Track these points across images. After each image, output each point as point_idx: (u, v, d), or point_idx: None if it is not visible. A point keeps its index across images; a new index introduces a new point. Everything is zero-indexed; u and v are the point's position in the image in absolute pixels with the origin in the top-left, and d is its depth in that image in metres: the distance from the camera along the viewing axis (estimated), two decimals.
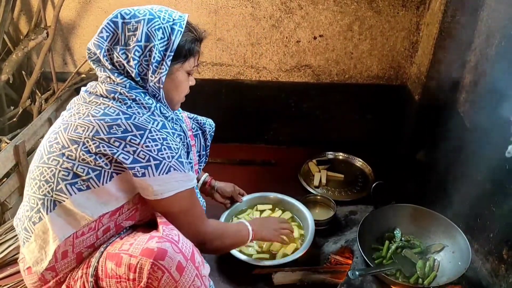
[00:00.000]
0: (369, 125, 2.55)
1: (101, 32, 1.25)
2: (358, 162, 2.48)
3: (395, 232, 1.79)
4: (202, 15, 2.28)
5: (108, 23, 1.26)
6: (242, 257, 1.74)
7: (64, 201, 1.19)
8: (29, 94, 2.38)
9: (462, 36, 1.98)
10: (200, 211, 1.38)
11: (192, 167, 1.41)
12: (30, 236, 1.25)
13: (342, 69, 2.41)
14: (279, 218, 1.88)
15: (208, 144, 1.73)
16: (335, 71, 2.42)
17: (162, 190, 1.23)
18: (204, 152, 1.70)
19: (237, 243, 1.62)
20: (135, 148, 1.18)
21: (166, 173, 1.21)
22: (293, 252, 1.78)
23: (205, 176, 1.90)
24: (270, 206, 2.03)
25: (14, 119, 2.34)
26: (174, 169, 1.23)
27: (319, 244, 1.88)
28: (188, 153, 1.39)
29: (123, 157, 1.17)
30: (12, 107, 2.43)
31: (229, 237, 1.54)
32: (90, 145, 1.17)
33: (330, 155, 2.53)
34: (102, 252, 1.22)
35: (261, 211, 2.01)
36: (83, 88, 1.34)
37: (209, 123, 1.74)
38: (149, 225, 1.32)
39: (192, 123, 1.68)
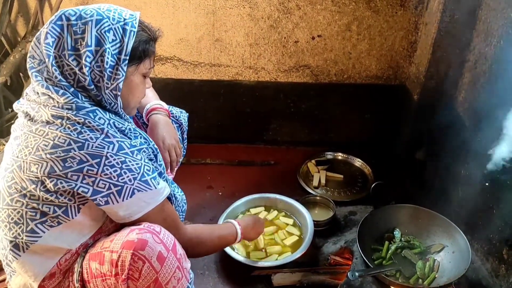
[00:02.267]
0: (368, 125, 2.55)
1: (46, 38, 1.13)
2: (358, 162, 2.47)
3: (394, 233, 1.79)
4: (200, 16, 2.27)
5: (52, 26, 1.13)
6: (242, 258, 1.74)
7: (36, 241, 1.16)
8: None
9: (460, 35, 1.98)
10: (173, 220, 1.30)
11: (163, 169, 1.35)
12: (14, 272, 1.23)
13: (340, 69, 2.41)
14: (264, 220, 1.80)
15: (185, 137, 1.70)
16: (333, 71, 2.41)
17: (129, 214, 1.19)
18: (182, 145, 1.67)
19: (223, 246, 1.61)
20: (93, 179, 1.11)
21: (130, 196, 1.16)
22: (292, 251, 1.78)
23: (151, 105, 1.59)
24: (263, 209, 2.02)
25: (12, 121, 2.32)
26: (138, 191, 1.17)
27: (318, 245, 1.87)
28: (155, 156, 1.31)
29: (82, 190, 1.12)
30: (10, 109, 2.42)
31: (212, 241, 1.47)
32: (48, 184, 1.11)
33: (329, 155, 2.52)
34: (84, 256, 1.21)
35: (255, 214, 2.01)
36: (19, 107, 1.21)
37: (184, 116, 1.70)
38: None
39: None
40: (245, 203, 2.03)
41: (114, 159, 1.13)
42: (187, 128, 1.72)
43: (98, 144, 1.12)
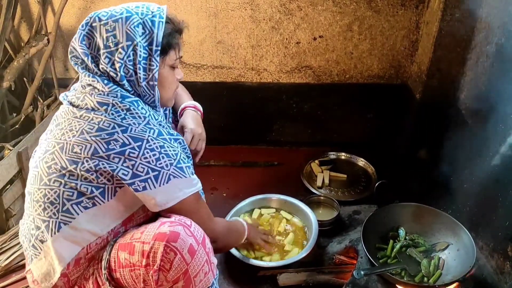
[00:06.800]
0: (370, 124, 2.55)
1: (83, 39, 1.22)
2: (361, 162, 2.48)
3: (399, 231, 1.79)
4: (202, 18, 2.28)
5: (87, 28, 1.22)
6: (247, 259, 1.75)
7: (70, 221, 1.19)
8: (31, 100, 2.39)
9: (462, 33, 1.98)
10: (206, 212, 1.38)
11: (192, 165, 1.39)
12: (39, 253, 1.24)
13: (342, 69, 2.41)
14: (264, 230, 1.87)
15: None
16: (335, 71, 2.42)
17: (165, 200, 1.22)
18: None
19: (238, 240, 1.66)
20: (133, 162, 1.16)
21: (167, 182, 1.19)
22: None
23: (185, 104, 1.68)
24: (274, 210, 2.03)
25: (17, 126, 2.35)
26: (174, 177, 1.21)
27: (323, 244, 1.88)
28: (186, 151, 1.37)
29: (122, 173, 1.16)
30: (14, 114, 2.43)
31: (233, 235, 1.60)
32: (89, 164, 1.16)
33: (332, 155, 2.53)
34: (113, 245, 1.23)
35: (262, 214, 2.02)
36: (64, 97, 1.28)
37: None
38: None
39: None
40: (249, 204, 2.03)
41: (154, 143, 1.19)
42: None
43: (141, 129, 1.19)
